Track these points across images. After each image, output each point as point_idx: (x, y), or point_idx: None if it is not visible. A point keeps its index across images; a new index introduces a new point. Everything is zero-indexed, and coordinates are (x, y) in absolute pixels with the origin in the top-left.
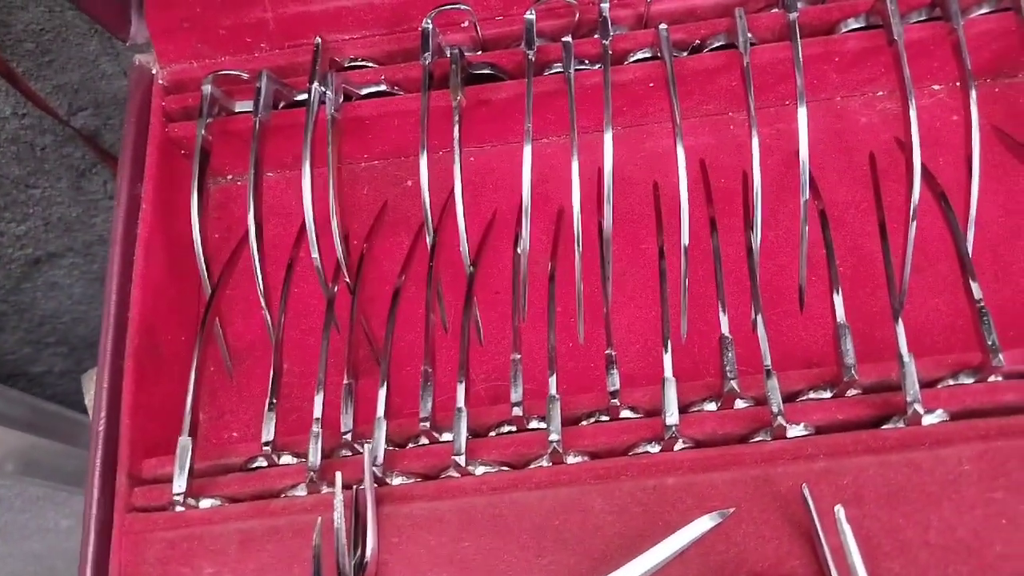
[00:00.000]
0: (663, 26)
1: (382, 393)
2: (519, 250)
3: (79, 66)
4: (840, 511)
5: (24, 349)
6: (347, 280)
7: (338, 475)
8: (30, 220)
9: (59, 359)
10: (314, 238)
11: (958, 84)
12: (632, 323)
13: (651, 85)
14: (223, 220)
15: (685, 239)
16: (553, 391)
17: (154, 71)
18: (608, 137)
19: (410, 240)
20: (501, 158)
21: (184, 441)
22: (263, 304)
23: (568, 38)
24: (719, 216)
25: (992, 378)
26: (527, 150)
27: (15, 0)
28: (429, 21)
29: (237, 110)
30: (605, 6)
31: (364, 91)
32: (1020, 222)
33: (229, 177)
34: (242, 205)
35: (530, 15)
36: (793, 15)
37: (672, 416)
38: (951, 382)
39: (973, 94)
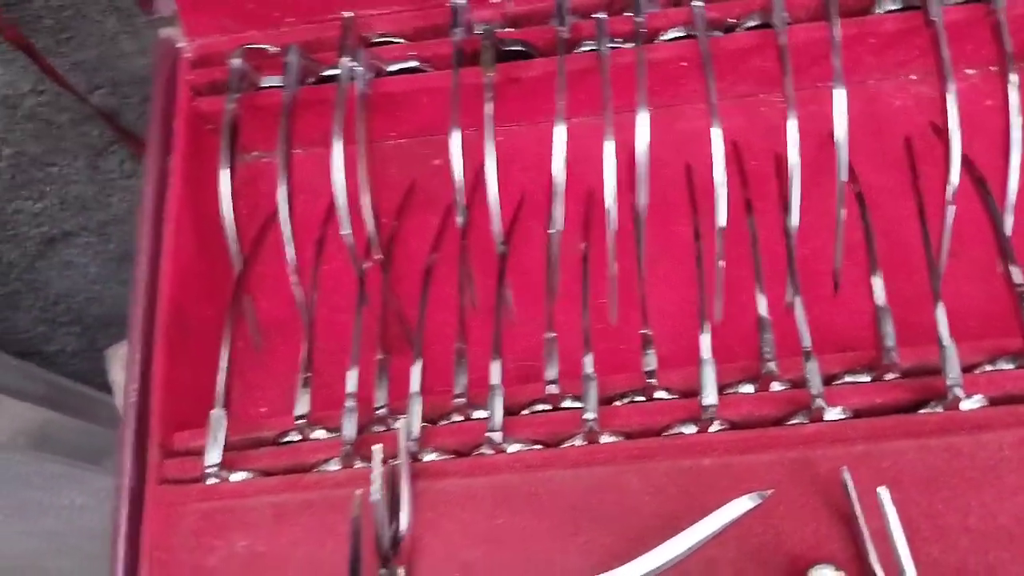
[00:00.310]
0: (698, 2)
1: (416, 368)
2: (551, 230)
3: (98, 44)
4: (884, 493)
5: (39, 328)
6: (377, 256)
7: (377, 448)
8: (46, 198)
9: (73, 338)
10: (345, 213)
11: (992, 68)
12: (663, 305)
13: (684, 64)
14: (249, 197)
15: (722, 220)
16: (589, 370)
17: (180, 45)
18: (642, 117)
19: (437, 219)
20: (528, 139)
21: (217, 413)
22: (294, 280)
23: (602, 14)
24: (753, 199)
25: None
26: (559, 129)
27: None
28: None
29: (263, 85)
30: None
31: (393, 67)
32: None
33: (255, 154)
34: (268, 182)
35: None
36: None
37: (710, 397)
38: (989, 367)
39: (1013, 77)
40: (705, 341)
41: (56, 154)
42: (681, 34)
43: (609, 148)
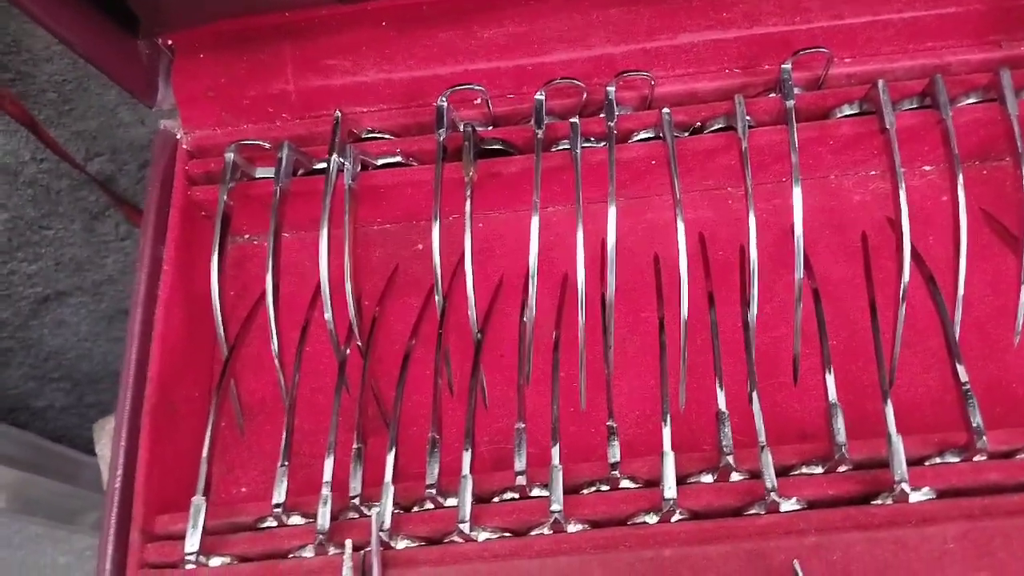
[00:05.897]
0: (666, 110)
1: (390, 459)
2: (525, 318)
3: (98, 114)
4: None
5: (28, 384)
6: (359, 343)
7: (348, 543)
8: (42, 260)
9: (61, 394)
10: (329, 303)
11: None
12: (632, 390)
13: (653, 163)
14: (239, 278)
15: (684, 313)
16: (556, 461)
17: (178, 136)
18: (612, 213)
19: (419, 301)
20: (509, 224)
21: (198, 501)
22: (278, 366)
23: (576, 119)
24: (717, 288)
25: (977, 458)
26: (535, 222)
27: (41, 53)
28: (444, 99)
29: (258, 175)
30: (611, 89)
31: (380, 161)
32: (1006, 301)
33: (246, 236)
34: (258, 264)
35: (540, 96)
36: (790, 102)
37: (670, 490)
38: (937, 460)
39: (960, 178)
40: (666, 433)
41: (53, 218)
42: (651, 135)
43: (580, 243)
